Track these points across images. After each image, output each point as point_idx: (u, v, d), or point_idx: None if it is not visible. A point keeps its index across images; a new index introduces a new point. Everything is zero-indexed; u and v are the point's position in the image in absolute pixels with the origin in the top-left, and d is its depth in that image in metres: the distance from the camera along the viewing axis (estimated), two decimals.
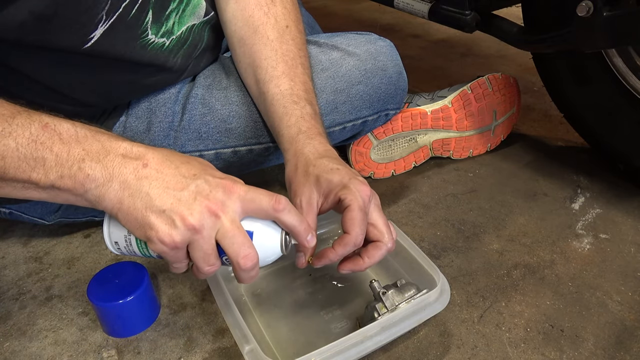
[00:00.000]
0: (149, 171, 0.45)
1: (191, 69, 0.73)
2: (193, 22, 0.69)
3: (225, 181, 0.47)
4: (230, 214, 0.46)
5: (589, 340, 0.63)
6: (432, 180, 0.93)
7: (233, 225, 0.46)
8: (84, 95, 0.65)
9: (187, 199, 0.45)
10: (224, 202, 0.46)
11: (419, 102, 0.92)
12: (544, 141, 1.04)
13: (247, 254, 0.46)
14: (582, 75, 0.87)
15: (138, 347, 0.63)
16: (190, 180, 0.46)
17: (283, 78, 0.64)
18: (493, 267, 0.74)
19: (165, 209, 0.44)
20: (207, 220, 0.45)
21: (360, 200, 0.52)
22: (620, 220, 0.82)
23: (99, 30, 0.56)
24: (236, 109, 0.72)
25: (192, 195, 0.45)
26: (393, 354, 0.61)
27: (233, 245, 0.46)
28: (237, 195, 0.46)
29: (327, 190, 0.55)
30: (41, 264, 0.76)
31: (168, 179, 0.45)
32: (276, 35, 0.67)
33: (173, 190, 0.45)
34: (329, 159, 0.56)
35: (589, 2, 0.70)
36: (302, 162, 0.57)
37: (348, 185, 0.53)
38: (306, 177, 0.56)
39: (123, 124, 0.73)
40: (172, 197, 0.45)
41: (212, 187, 0.46)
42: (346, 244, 0.52)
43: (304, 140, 0.59)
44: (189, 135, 0.73)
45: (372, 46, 0.78)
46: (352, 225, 0.52)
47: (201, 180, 0.46)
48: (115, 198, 0.45)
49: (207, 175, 0.47)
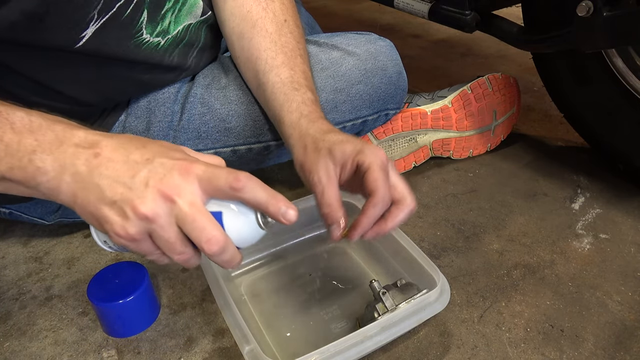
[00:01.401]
0: (101, 160, 0.42)
1: (190, 68, 0.73)
2: (190, 21, 0.69)
3: (182, 162, 0.43)
4: (188, 196, 0.42)
5: (589, 340, 0.63)
6: (432, 180, 0.93)
7: (192, 208, 0.42)
8: (80, 94, 0.65)
9: (138, 186, 0.41)
10: (179, 185, 0.42)
11: (419, 102, 0.92)
12: (544, 141, 1.04)
13: (210, 237, 0.42)
14: (582, 75, 0.87)
15: (138, 347, 0.63)
16: (142, 165, 0.42)
17: (283, 67, 0.65)
18: (493, 267, 0.74)
19: (116, 200, 0.41)
20: (161, 206, 0.41)
21: (379, 160, 0.51)
22: (620, 220, 0.82)
23: (90, 29, 0.56)
24: (235, 108, 0.72)
25: (144, 181, 0.41)
26: (393, 354, 0.61)
27: (194, 231, 0.42)
28: (193, 175, 0.42)
29: (342, 160, 0.53)
30: (41, 264, 0.76)
31: (119, 166, 0.42)
32: (275, 29, 0.67)
33: (124, 178, 0.42)
34: (335, 133, 0.56)
35: (589, 2, 0.70)
36: (310, 140, 0.56)
37: (363, 150, 0.52)
38: (317, 152, 0.54)
39: (122, 123, 0.73)
40: (122, 186, 0.41)
41: (166, 170, 0.42)
42: (376, 204, 0.51)
43: (307, 124, 0.58)
44: (188, 135, 0.73)
45: (372, 46, 0.78)
46: (377, 184, 0.50)
47: (155, 164, 0.42)
48: (69, 192, 0.43)
49: (162, 158, 0.43)
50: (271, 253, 0.73)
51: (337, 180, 0.53)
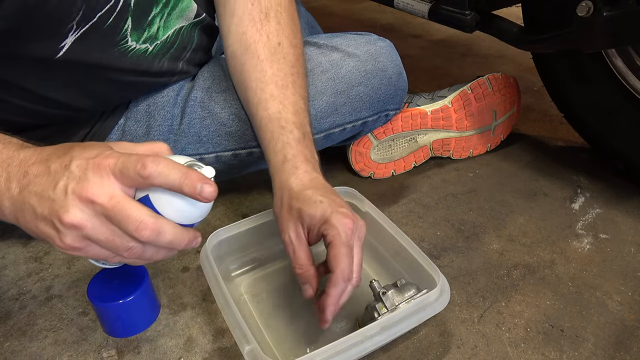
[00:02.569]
0: (29, 178, 0.42)
1: (183, 70, 0.72)
2: (181, 24, 0.67)
3: (94, 160, 0.41)
4: (106, 191, 0.41)
5: (589, 340, 0.63)
6: (432, 180, 0.93)
7: (112, 201, 0.41)
8: (72, 99, 0.64)
9: (60, 196, 0.41)
10: (95, 183, 0.41)
11: (419, 102, 0.92)
12: (544, 141, 1.04)
13: (138, 223, 0.41)
14: (582, 75, 0.87)
15: (138, 347, 0.63)
16: (61, 174, 0.41)
17: (271, 101, 0.63)
18: (493, 267, 0.74)
19: (46, 214, 0.41)
20: (84, 210, 0.41)
21: (343, 235, 0.52)
22: (620, 220, 0.82)
23: (70, 39, 0.55)
24: (236, 111, 0.72)
25: (63, 189, 0.41)
26: (393, 354, 0.61)
27: (121, 222, 0.41)
28: (106, 170, 0.41)
29: (310, 225, 0.55)
30: (41, 264, 0.76)
31: (43, 180, 0.42)
32: (267, 55, 0.65)
33: (48, 191, 0.41)
34: (313, 190, 0.56)
35: (589, 2, 0.70)
36: (286, 195, 0.57)
37: (329, 220, 0.52)
38: (290, 212, 0.56)
39: (122, 127, 0.72)
40: (47, 200, 0.41)
41: (81, 172, 0.41)
42: (336, 283, 0.52)
43: (289, 170, 0.58)
44: (188, 139, 0.72)
45: (372, 47, 0.78)
46: (336, 262, 0.51)
47: (71, 169, 0.41)
48: (12, 215, 0.43)
49: (78, 160, 0.42)
50: (271, 253, 0.73)
51: (307, 242, 0.55)
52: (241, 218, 0.83)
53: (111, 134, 0.73)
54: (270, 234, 0.71)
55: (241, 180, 0.93)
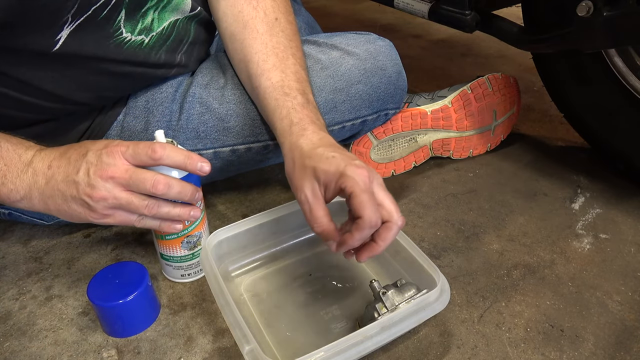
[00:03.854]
0: (53, 170, 0.54)
1: (180, 64, 0.72)
2: (176, 17, 0.68)
3: (106, 148, 0.54)
4: (121, 167, 0.54)
5: (589, 340, 0.63)
6: (432, 180, 0.93)
7: (128, 172, 0.54)
8: (69, 93, 0.64)
9: (84, 178, 0.53)
10: (110, 163, 0.53)
11: (419, 102, 0.92)
12: (544, 141, 1.04)
13: (153, 181, 0.54)
14: (582, 75, 0.87)
15: (138, 347, 0.63)
16: (81, 161, 0.54)
17: (274, 71, 0.65)
18: (493, 267, 0.74)
19: (74, 195, 0.54)
20: (106, 185, 0.53)
21: (362, 183, 0.52)
22: (620, 220, 0.82)
23: (65, 32, 0.56)
24: (234, 107, 0.72)
25: (85, 172, 0.53)
26: (393, 354, 0.61)
27: (140, 184, 0.54)
28: (118, 153, 0.54)
29: (326, 181, 0.54)
30: (41, 264, 0.76)
31: (66, 169, 0.54)
32: (266, 29, 0.67)
33: (72, 176, 0.54)
34: (323, 147, 0.56)
35: (589, 2, 0.70)
36: (298, 155, 0.57)
37: (345, 173, 0.53)
38: (304, 170, 0.56)
39: (120, 123, 0.73)
40: (73, 183, 0.53)
41: (97, 157, 0.54)
42: (362, 228, 0.51)
43: (298, 132, 0.59)
44: (187, 135, 0.73)
45: (371, 46, 0.78)
46: (362, 208, 0.51)
47: (88, 156, 0.54)
48: (41, 203, 0.55)
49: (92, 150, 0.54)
50: (271, 253, 0.73)
51: (323, 199, 0.55)
52: (241, 218, 0.83)
53: (110, 129, 0.73)
54: (270, 233, 0.71)
55: (241, 180, 0.93)
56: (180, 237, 0.66)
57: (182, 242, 0.66)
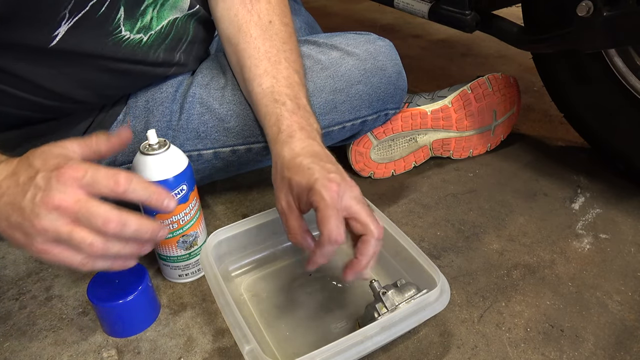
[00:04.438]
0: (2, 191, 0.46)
1: (179, 63, 0.72)
2: (175, 15, 0.68)
3: (59, 170, 0.45)
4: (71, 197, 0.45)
5: (589, 340, 0.63)
6: (432, 180, 0.93)
7: (78, 204, 0.45)
8: (68, 90, 0.64)
9: (28, 205, 0.45)
10: (59, 190, 0.45)
11: (419, 102, 0.92)
12: (544, 141, 1.04)
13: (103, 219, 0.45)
14: (582, 75, 0.87)
15: (138, 347, 0.63)
16: (28, 185, 0.46)
17: (265, 76, 0.65)
18: (493, 267, 0.74)
19: (18, 222, 0.45)
20: (50, 215, 0.44)
21: (328, 199, 0.52)
22: (620, 220, 0.82)
23: (63, 28, 0.56)
24: (234, 107, 0.72)
25: (31, 199, 0.45)
26: (393, 354, 0.61)
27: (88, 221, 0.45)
28: (71, 181, 0.45)
29: (298, 193, 0.55)
30: (41, 264, 0.76)
31: (12, 191, 0.46)
32: (259, 33, 0.68)
33: (18, 201, 0.45)
34: (303, 157, 0.56)
35: (589, 2, 0.70)
36: (280, 165, 0.58)
37: (314, 187, 0.53)
38: (282, 181, 0.57)
39: (121, 123, 0.73)
40: (18, 209, 0.45)
41: (46, 182, 0.45)
42: (322, 244, 0.52)
43: (283, 140, 0.59)
44: (187, 135, 0.73)
45: (371, 46, 0.78)
46: (322, 223, 0.51)
47: (37, 180, 0.45)
48: None
49: (42, 172, 0.46)
50: (271, 253, 0.73)
51: (298, 212, 0.56)
52: (241, 218, 0.83)
53: (110, 129, 0.73)
54: (270, 233, 0.71)
55: (241, 180, 0.93)
56: (176, 236, 0.66)
57: (177, 242, 0.66)
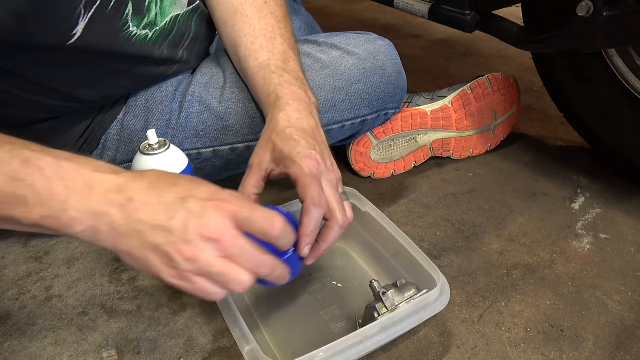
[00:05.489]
0: (136, 204, 0.42)
1: (181, 60, 0.73)
2: (177, 12, 0.69)
3: (215, 202, 0.43)
4: (228, 231, 0.43)
5: (589, 340, 0.63)
6: (432, 180, 0.93)
7: (236, 241, 0.43)
8: (74, 90, 0.65)
9: (178, 229, 0.42)
10: (217, 222, 0.43)
11: (419, 102, 0.92)
12: (544, 141, 1.04)
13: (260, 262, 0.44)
14: (582, 75, 0.87)
15: (138, 347, 0.63)
16: (178, 206, 0.43)
17: (261, 51, 0.66)
18: (493, 267, 0.74)
19: (159, 244, 0.42)
20: (204, 246, 0.42)
21: (306, 169, 0.53)
22: (620, 220, 0.82)
23: (81, 26, 0.57)
24: (233, 106, 0.72)
25: (182, 223, 0.42)
26: (393, 354, 0.61)
27: (245, 262, 0.43)
28: (227, 213, 0.43)
29: (278, 160, 0.56)
30: (41, 264, 0.76)
31: (155, 209, 0.43)
32: (254, 12, 0.69)
33: (162, 221, 0.42)
34: (293, 129, 0.57)
35: (589, 2, 0.70)
36: (271, 128, 0.58)
37: (294, 159, 0.54)
38: (267, 142, 0.58)
39: (120, 122, 0.73)
40: (162, 230, 0.42)
41: (201, 209, 0.43)
42: (308, 210, 0.51)
43: (281, 106, 0.60)
44: (186, 133, 0.73)
45: (371, 45, 0.78)
46: (304, 191, 0.52)
47: (190, 203, 0.43)
48: (109, 239, 0.43)
49: (195, 196, 0.43)
50: None
51: (264, 173, 0.57)
52: None
53: (110, 128, 0.73)
54: None
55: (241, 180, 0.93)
56: None
57: None
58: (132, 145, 0.73)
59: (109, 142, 0.73)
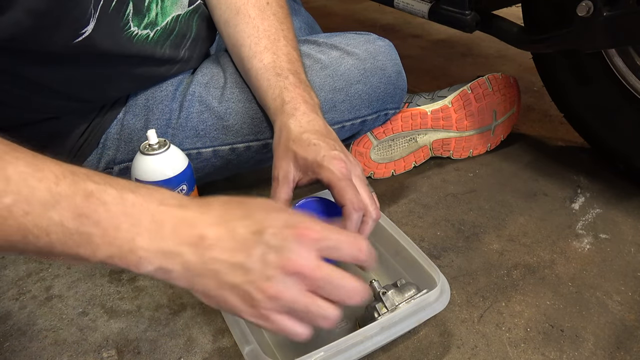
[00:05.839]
0: (209, 243, 0.40)
1: (183, 60, 0.73)
2: (177, 12, 0.69)
3: (294, 230, 0.40)
4: (312, 261, 0.40)
5: (589, 340, 0.63)
6: (432, 180, 0.93)
7: (320, 271, 0.40)
8: (75, 90, 0.65)
9: (257, 266, 0.39)
10: (300, 254, 0.40)
11: (419, 102, 0.92)
12: (544, 141, 1.04)
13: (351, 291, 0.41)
14: (582, 75, 0.87)
15: (138, 347, 0.63)
16: (253, 241, 0.40)
17: (265, 52, 0.66)
18: (493, 267, 0.74)
19: (238, 283, 0.40)
20: (287, 282, 0.39)
21: (338, 172, 0.53)
22: (620, 220, 0.82)
23: (90, 25, 0.57)
24: (233, 106, 0.72)
25: (261, 259, 0.39)
26: (393, 354, 0.61)
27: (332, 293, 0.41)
28: (310, 241, 0.40)
29: (303, 168, 0.56)
30: (41, 264, 0.76)
31: (229, 245, 0.40)
32: (257, 13, 0.69)
33: (239, 258, 0.40)
34: (309, 133, 0.57)
35: (589, 2, 0.70)
36: (285, 136, 0.58)
37: (322, 164, 0.54)
38: (286, 152, 0.57)
39: (120, 121, 0.73)
40: (240, 269, 0.39)
41: (280, 241, 0.40)
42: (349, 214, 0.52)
43: (289, 111, 0.60)
44: (186, 133, 0.73)
45: (371, 46, 0.78)
46: (342, 195, 0.52)
47: (266, 236, 0.40)
48: (183, 279, 0.41)
49: (270, 226, 0.40)
50: None
51: (292, 184, 0.57)
52: None
53: (110, 127, 0.73)
54: None
55: (241, 181, 0.93)
56: None
57: None
58: (132, 144, 0.73)
59: (109, 141, 0.73)
